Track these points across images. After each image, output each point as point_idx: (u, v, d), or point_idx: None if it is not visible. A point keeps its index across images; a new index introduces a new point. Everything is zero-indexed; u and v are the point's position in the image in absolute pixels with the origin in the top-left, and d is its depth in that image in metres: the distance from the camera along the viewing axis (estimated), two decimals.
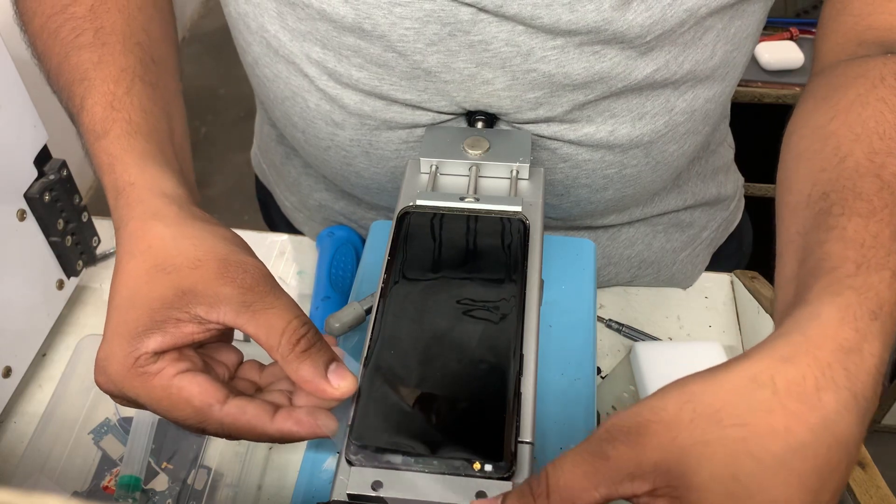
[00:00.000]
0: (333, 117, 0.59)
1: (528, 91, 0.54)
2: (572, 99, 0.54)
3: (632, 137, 0.58)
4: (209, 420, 0.40)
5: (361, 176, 0.64)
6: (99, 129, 0.48)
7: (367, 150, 0.61)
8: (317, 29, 0.54)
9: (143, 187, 0.45)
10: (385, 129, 0.58)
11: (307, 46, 0.56)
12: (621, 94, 0.55)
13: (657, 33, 0.51)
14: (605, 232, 0.69)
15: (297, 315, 0.41)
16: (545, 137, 0.57)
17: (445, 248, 0.47)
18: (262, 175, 0.84)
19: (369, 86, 0.56)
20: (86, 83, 0.50)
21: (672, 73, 0.54)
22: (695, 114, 0.59)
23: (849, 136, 0.44)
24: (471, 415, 0.39)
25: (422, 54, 0.53)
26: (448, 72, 0.53)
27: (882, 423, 1.55)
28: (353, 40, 0.53)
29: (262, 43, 0.58)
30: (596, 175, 0.60)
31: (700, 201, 0.71)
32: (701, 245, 0.73)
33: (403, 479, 0.37)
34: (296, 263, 0.76)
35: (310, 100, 0.59)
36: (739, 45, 0.57)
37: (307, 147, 0.64)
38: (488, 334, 0.42)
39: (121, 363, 0.40)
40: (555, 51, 0.51)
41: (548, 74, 0.53)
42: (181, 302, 0.40)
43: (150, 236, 0.43)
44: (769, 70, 1.24)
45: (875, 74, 0.46)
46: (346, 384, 0.39)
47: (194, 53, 2.67)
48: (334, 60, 0.55)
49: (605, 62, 0.52)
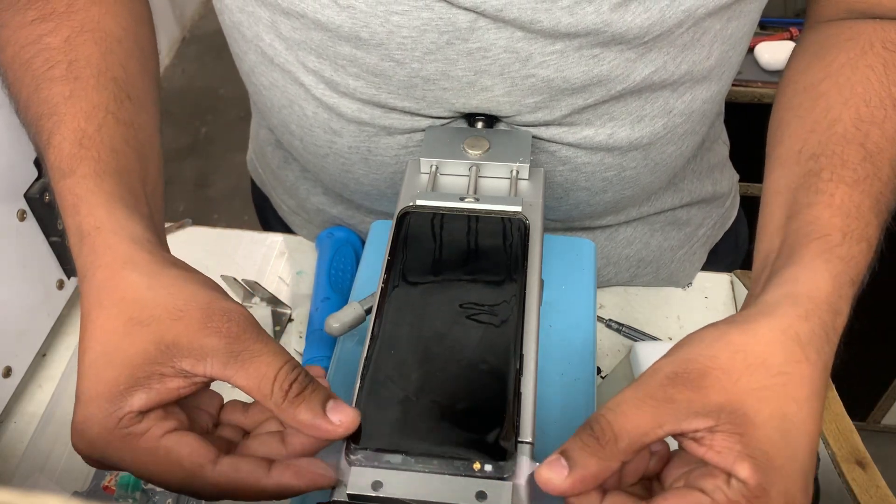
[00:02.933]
0: (331, 125, 0.59)
1: (527, 96, 0.54)
2: (571, 103, 0.54)
3: (631, 140, 0.57)
4: (201, 482, 0.37)
5: (360, 182, 0.63)
6: (65, 167, 0.44)
7: (366, 157, 0.60)
8: (311, 39, 0.54)
9: (111, 231, 0.42)
10: (384, 135, 0.58)
11: (302, 56, 0.55)
12: (620, 96, 0.54)
13: (655, 34, 0.51)
14: (603, 232, 0.69)
15: (286, 360, 0.39)
16: (544, 140, 0.57)
17: (445, 248, 0.47)
18: (259, 179, 0.84)
19: (367, 94, 0.55)
20: (55, 118, 0.47)
21: (670, 75, 0.54)
22: (693, 115, 0.59)
23: (838, 100, 0.49)
24: (471, 415, 0.39)
25: (420, 62, 0.52)
26: (446, 80, 0.53)
27: (882, 423, 1.55)
28: (349, 50, 0.53)
29: (257, 52, 0.58)
30: (595, 178, 0.60)
31: (696, 199, 0.71)
32: (697, 243, 0.74)
33: (403, 480, 0.37)
34: (296, 263, 0.76)
35: (307, 108, 0.59)
36: (735, 45, 0.57)
37: (305, 154, 0.64)
38: (488, 334, 0.42)
39: (102, 425, 0.37)
40: (554, 55, 0.51)
41: (547, 79, 0.52)
42: (164, 356, 0.38)
43: (123, 286, 0.40)
44: (769, 70, 1.24)
45: (865, 40, 0.51)
46: (348, 419, 0.38)
47: (194, 53, 2.67)
48: (330, 70, 0.55)
49: (603, 65, 0.52)
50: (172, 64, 2.62)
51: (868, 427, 1.55)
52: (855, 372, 0.45)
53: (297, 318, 0.71)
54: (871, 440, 0.59)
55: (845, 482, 0.54)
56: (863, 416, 1.55)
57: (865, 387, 1.50)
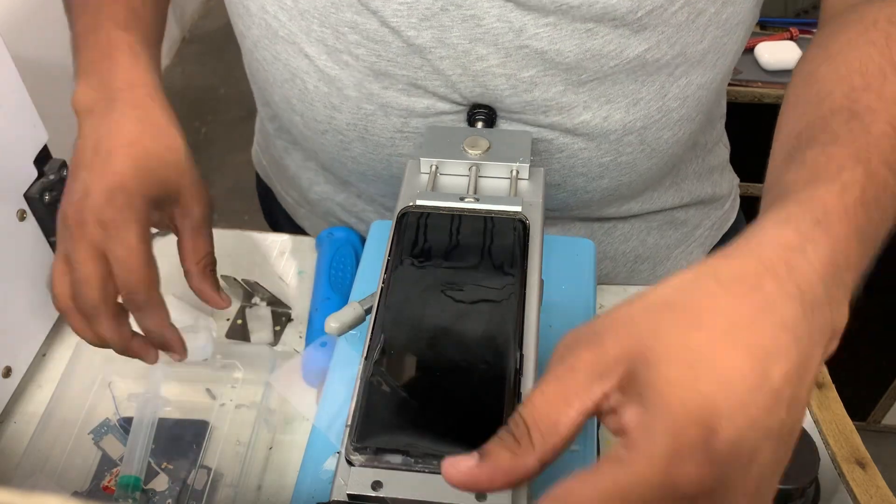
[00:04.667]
0: (331, 100, 0.60)
1: (521, 69, 0.55)
2: (566, 79, 0.55)
3: (625, 123, 0.58)
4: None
5: (358, 161, 0.64)
6: (122, 22, 0.59)
7: (364, 136, 0.61)
8: (315, 7, 0.56)
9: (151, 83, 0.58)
10: (381, 115, 0.59)
11: (305, 24, 0.57)
12: (614, 74, 0.55)
13: (647, 9, 0.52)
14: (602, 227, 0.69)
15: None
16: (542, 127, 0.58)
17: (445, 248, 0.47)
18: (263, 171, 0.85)
19: (367, 62, 0.57)
20: None
21: (663, 54, 0.55)
22: (688, 100, 0.60)
23: (832, 79, 0.45)
24: (471, 415, 0.39)
25: (415, 29, 0.54)
26: (442, 47, 0.54)
27: (882, 423, 1.55)
28: (350, 16, 0.55)
29: (261, 25, 0.60)
30: (592, 164, 0.61)
31: (695, 199, 0.71)
32: (695, 243, 0.74)
33: (403, 479, 0.37)
34: (296, 263, 0.76)
35: (308, 81, 0.60)
36: (730, 32, 0.58)
37: (305, 131, 0.65)
38: (488, 334, 0.42)
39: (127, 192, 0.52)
40: (547, 27, 0.53)
41: (540, 51, 0.54)
42: (175, 179, 0.56)
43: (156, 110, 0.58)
44: (769, 70, 1.24)
45: (869, 19, 0.47)
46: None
47: (194, 53, 2.67)
48: (333, 38, 0.57)
49: (596, 39, 0.53)
50: (172, 64, 2.62)
51: (868, 427, 1.55)
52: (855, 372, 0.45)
53: (297, 318, 0.71)
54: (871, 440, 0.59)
55: (845, 482, 0.54)
56: (863, 416, 1.55)
57: (865, 387, 1.50)
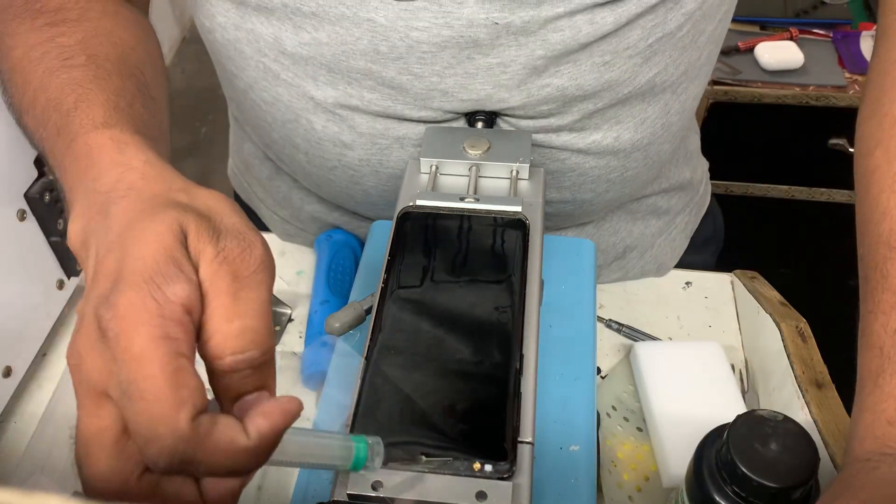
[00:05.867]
0: (342, 138, 0.58)
1: (541, 104, 0.55)
2: (582, 108, 0.56)
3: (634, 141, 0.59)
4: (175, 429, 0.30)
5: (369, 194, 0.63)
6: (101, 120, 0.41)
7: (377, 169, 0.60)
8: (322, 54, 0.53)
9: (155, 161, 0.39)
10: (397, 147, 0.58)
11: (312, 70, 0.54)
12: (626, 100, 0.56)
13: (658, 35, 0.53)
14: (592, 223, 0.70)
15: None
16: (555, 148, 0.58)
17: (446, 248, 0.47)
18: (244, 193, 0.80)
19: (381, 107, 0.55)
20: (80, 90, 0.43)
21: (670, 76, 0.56)
22: (685, 112, 0.61)
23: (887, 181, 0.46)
24: (471, 415, 0.39)
25: (439, 76, 0.53)
26: (465, 92, 0.54)
27: None
28: (363, 63, 0.52)
29: (258, 67, 0.56)
30: (601, 180, 0.61)
31: (675, 185, 0.73)
32: (676, 229, 0.75)
33: (403, 480, 0.37)
34: (295, 263, 0.76)
35: (316, 122, 0.58)
36: (719, 43, 0.60)
37: (309, 168, 0.63)
38: (488, 334, 0.42)
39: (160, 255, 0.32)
40: (569, 65, 0.52)
41: (561, 88, 0.54)
42: None
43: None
44: (769, 70, 1.23)
45: None
46: None
47: (194, 53, 2.67)
48: (344, 83, 0.55)
49: (613, 71, 0.53)
50: (172, 64, 2.62)
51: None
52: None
53: (297, 319, 0.71)
54: None
55: None
56: None
57: None
